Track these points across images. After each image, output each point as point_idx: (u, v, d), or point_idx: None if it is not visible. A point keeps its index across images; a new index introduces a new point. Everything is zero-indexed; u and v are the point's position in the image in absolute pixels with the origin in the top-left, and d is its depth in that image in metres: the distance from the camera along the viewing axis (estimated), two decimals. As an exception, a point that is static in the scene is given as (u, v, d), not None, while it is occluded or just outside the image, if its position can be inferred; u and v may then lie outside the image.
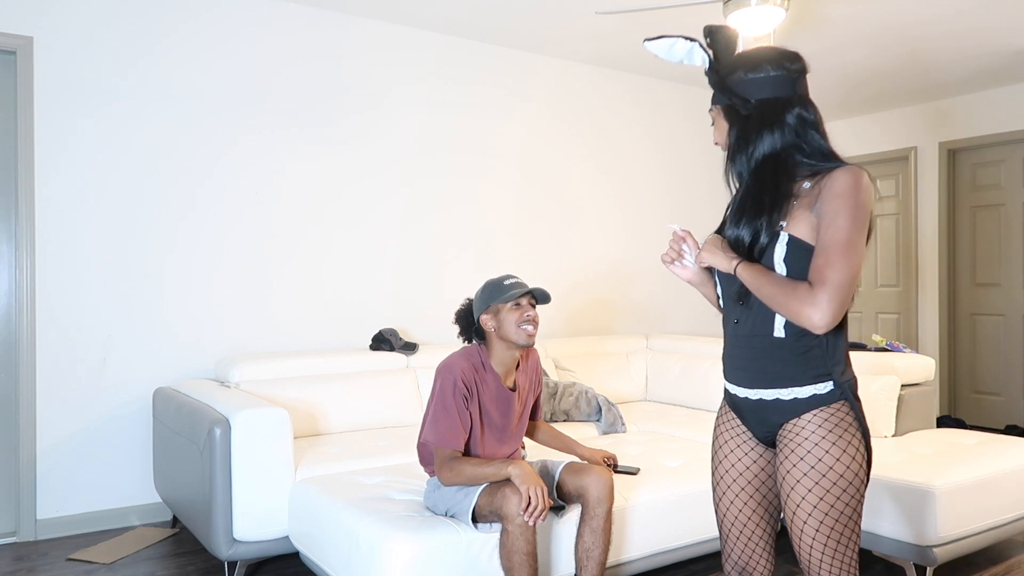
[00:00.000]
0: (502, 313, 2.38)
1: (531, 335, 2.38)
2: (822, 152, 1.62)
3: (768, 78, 1.63)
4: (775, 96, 1.62)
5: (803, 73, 1.66)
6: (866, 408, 3.43)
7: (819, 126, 1.65)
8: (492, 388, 2.42)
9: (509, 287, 2.39)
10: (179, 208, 3.76)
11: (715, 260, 1.68)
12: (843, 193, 1.51)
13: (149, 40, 3.69)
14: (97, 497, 3.57)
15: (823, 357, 1.60)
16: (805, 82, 1.67)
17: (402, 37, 4.41)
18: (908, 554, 2.79)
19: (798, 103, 1.63)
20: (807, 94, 1.67)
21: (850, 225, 1.50)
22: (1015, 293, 5.75)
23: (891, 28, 4.47)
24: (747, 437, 1.74)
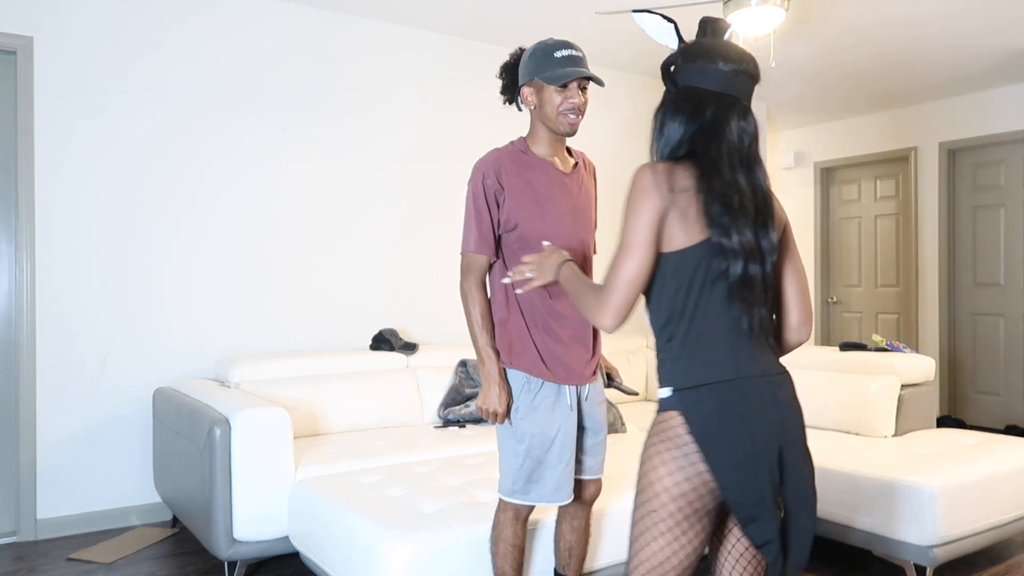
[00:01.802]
0: (545, 92, 2.04)
1: (573, 124, 2.06)
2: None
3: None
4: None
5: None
6: (866, 408, 3.45)
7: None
8: (537, 167, 2.11)
9: (559, 61, 2.01)
10: (179, 208, 3.76)
11: (542, 277, 1.75)
12: (628, 192, 1.50)
13: (149, 40, 3.69)
14: (97, 497, 3.57)
15: (666, 361, 1.53)
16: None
17: (402, 37, 4.41)
18: (908, 554, 2.79)
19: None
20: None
21: (623, 224, 1.49)
22: (1015, 293, 5.75)
23: (891, 28, 4.47)
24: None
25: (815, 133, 7.07)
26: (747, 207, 1.46)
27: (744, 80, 1.53)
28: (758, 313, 1.49)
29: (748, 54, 1.56)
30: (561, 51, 2.02)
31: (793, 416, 1.53)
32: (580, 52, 2.06)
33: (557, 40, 2.07)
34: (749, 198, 1.47)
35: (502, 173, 2.06)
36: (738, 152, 1.49)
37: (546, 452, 2.08)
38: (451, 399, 3.82)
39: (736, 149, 1.49)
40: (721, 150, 1.48)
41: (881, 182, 6.60)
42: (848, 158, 6.78)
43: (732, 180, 1.46)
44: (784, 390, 1.53)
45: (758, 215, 1.48)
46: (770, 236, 1.50)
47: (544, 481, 2.08)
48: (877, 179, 6.63)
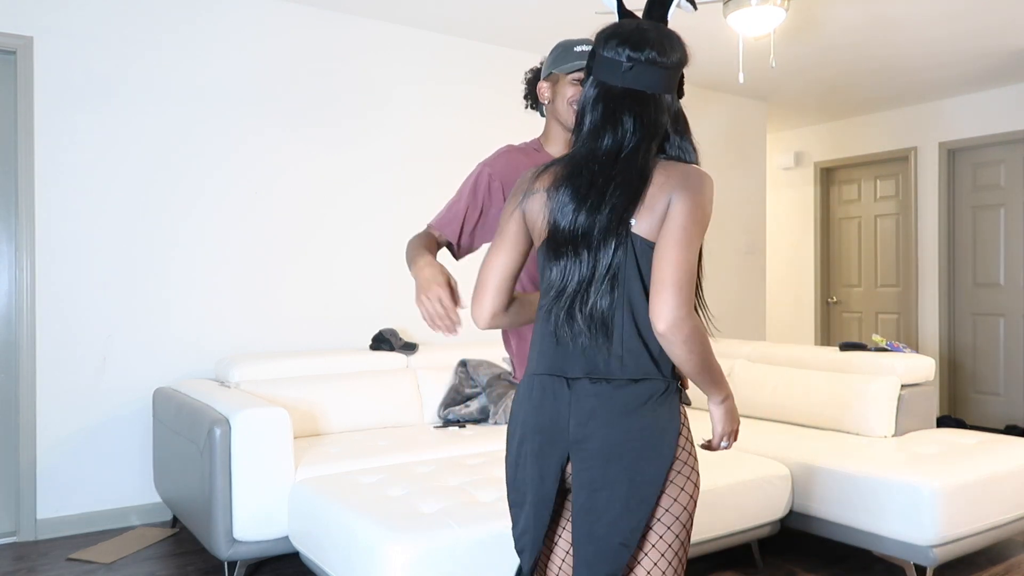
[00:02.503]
0: (560, 84, 1.94)
1: None
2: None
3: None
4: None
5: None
6: (866, 408, 3.45)
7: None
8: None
9: (578, 55, 1.91)
10: (179, 208, 3.76)
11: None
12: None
13: (149, 40, 3.69)
14: (97, 497, 3.57)
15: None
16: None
17: (403, 37, 4.41)
18: (908, 554, 2.79)
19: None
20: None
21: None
22: (1015, 293, 5.75)
23: (891, 28, 4.47)
24: None
25: (815, 133, 7.07)
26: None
27: (647, 71, 1.40)
28: (566, 310, 1.39)
29: (660, 38, 1.42)
30: (582, 46, 1.95)
31: (594, 426, 1.37)
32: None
33: (582, 38, 1.98)
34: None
35: (507, 185, 1.93)
36: (608, 152, 1.39)
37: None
38: (451, 399, 3.82)
39: (603, 149, 1.40)
40: (582, 151, 1.43)
41: (881, 182, 6.60)
42: (848, 158, 6.78)
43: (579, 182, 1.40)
44: (587, 396, 1.39)
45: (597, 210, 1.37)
46: (605, 240, 1.36)
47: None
48: (877, 179, 6.63)
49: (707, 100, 5.86)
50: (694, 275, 1.33)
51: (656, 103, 1.41)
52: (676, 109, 1.46)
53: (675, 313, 1.29)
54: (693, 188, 1.37)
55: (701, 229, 1.35)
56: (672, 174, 1.38)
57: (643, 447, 1.35)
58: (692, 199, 1.35)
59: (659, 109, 1.42)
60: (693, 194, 1.36)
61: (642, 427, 1.36)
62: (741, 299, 6.08)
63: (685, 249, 1.32)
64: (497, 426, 3.68)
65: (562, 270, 1.39)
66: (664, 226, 1.34)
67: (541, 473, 1.43)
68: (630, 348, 1.38)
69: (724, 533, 2.92)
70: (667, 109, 1.43)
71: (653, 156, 1.40)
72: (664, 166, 1.39)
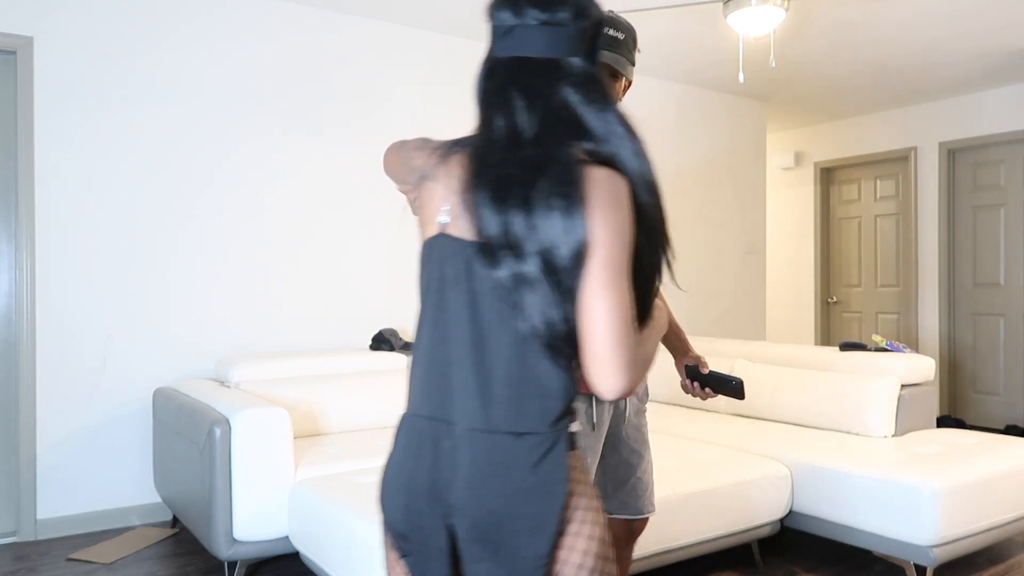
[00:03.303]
0: None
1: None
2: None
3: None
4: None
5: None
6: (866, 408, 3.45)
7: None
8: None
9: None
10: (179, 208, 3.76)
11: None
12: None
13: (150, 40, 3.69)
14: (97, 497, 3.57)
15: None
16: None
17: (403, 37, 4.41)
18: (908, 554, 2.79)
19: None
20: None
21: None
22: (1015, 293, 5.76)
23: (891, 28, 4.47)
24: None
25: (815, 133, 7.07)
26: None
27: (532, 33, 1.16)
28: (458, 338, 1.14)
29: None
30: (607, 31, 1.78)
31: (473, 490, 1.10)
32: (620, 32, 1.80)
33: (609, 17, 1.79)
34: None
35: None
36: (507, 138, 1.13)
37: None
38: (451, 399, 3.81)
39: (500, 136, 1.14)
40: (480, 142, 1.17)
41: (881, 182, 6.60)
42: (848, 158, 6.78)
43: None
44: (466, 451, 1.12)
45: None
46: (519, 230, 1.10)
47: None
48: (877, 179, 6.63)
49: (707, 100, 5.86)
50: (631, 310, 1.09)
51: (546, 71, 1.14)
52: (586, 73, 1.16)
53: (621, 381, 1.07)
54: (609, 204, 1.09)
55: (629, 253, 1.10)
56: (584, 183, 1.09)
57: (521, 519, 1.09)
58: (611, 223, 1.08)
59: (557, 77, 1.13)
60: (611, 213, 1.08)
61: (518, 494, 1.09)
62: (741, 299, 6.09)
63: (616, 291, 1.06)
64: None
65: (508, 277, 1.11)
66: (585, 262, 1.07)
67: (415, 533, 1.19)
68: (491, 388, 1.11)
69: (724, 533, 2.92)
70: (570, 75, 1.14)
71: (569, 139, 1.12)
72: (588, 175, 1.11)
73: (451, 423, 1.15)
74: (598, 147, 1.16)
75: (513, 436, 1.11)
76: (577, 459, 1.15)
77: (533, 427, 1.11)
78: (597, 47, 1.20)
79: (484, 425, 1.12)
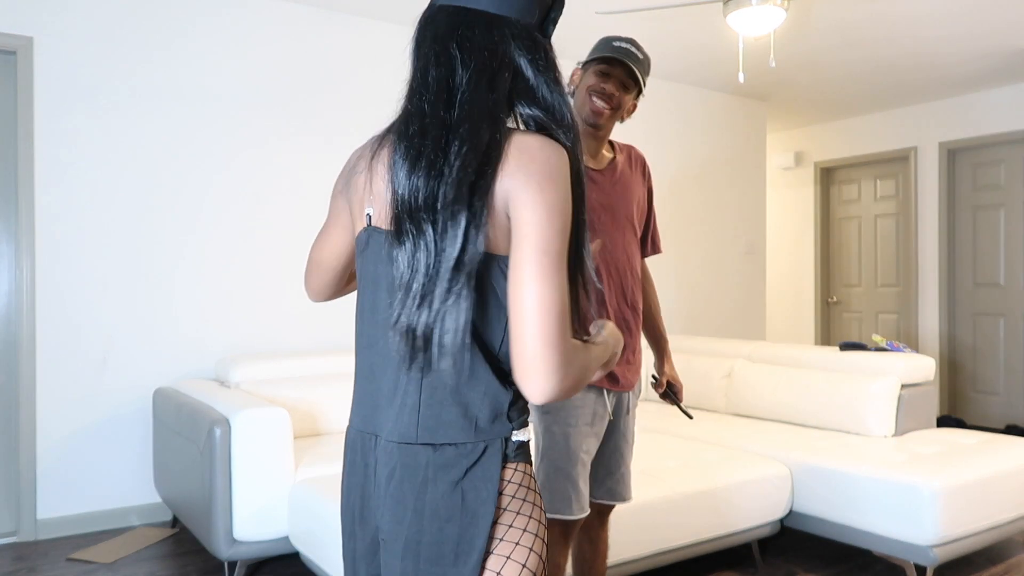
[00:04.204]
0: (586, 74, 1.95)
1: (595, 109, 1.91)
2: None
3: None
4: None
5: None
6: (866, 408, 3.46)
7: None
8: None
9: (613, 48, 1.90)
10: (180, 208, 3.76)
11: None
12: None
13: (150, 40, 3.69)
14: (97, 497, 3.57)
15: None
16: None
17: (404, 36, 4.40)
18: (908, 554, 2.79)
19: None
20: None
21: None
22: (1015, 293, 5.76)
23: (890, 28, 4.47)
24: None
25: (815, 133, 7.07)
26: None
27: (440, 16, 1.06)
28: (389, 340, 1.01)
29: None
30: (621, 42, 1.93)
31: (392, 511, 1.01)
32: (640, 53, 1.95)
33: (628, 37, 1.96)
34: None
35: None
36: (438, 89, 1.03)
37: (567, 458, 1.91)
38: (451, 399, 3.81)
39: (431, 87, 1.04)
40: (414, 99, 1.08)
41: (881, 182, 6.60)
42: (848, 158, 6.78)
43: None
44: (389, 469, 1.02)
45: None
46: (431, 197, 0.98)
47: (562, 491, 1.91)
48: (877, 179, 6.63)
49: (707, 100, 5.86)
50: (566, 304, 0.95)
51: (493, 26, 1.02)
52: (538, 40, 1.05)
53: (549, 383, 0.92)
54: (543, 178, 0.95)
55: (565, 237, 0.96)
56: (512, 152, 0.97)
57: (457, 540, 0.97)
58: (546, 198, 0.95)
59: (500, 36, 1.02)
60: (544, 190, 0.95)
61: (444, 521, 0.98)
62: (741, 299, 6.08)
63: (547, 281, 0.93)
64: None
65: (407, 258, 0.98)
66: (514, 246, 0.94)
67: (353, 550, 1.10)
68: (417, 395, 1.00)
69: (724, 533, 2.92)
70: (514, 38, 1.03)
71: (503, 103, 1.01)
72: (518, 141, 0.99)
73: (377, 436, 1.04)
74: (544, 116, 1.03)
75: (431, 448, 0.98)
76: (518, 472, 1.01)
77: (453, 437, 0.98)
78: (549, 24, 1.09)
79: (399, 437, 1.00)
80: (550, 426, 1.93)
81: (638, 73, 1.93)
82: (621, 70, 1.92)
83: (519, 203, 0.94)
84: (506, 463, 1.00)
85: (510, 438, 1.02)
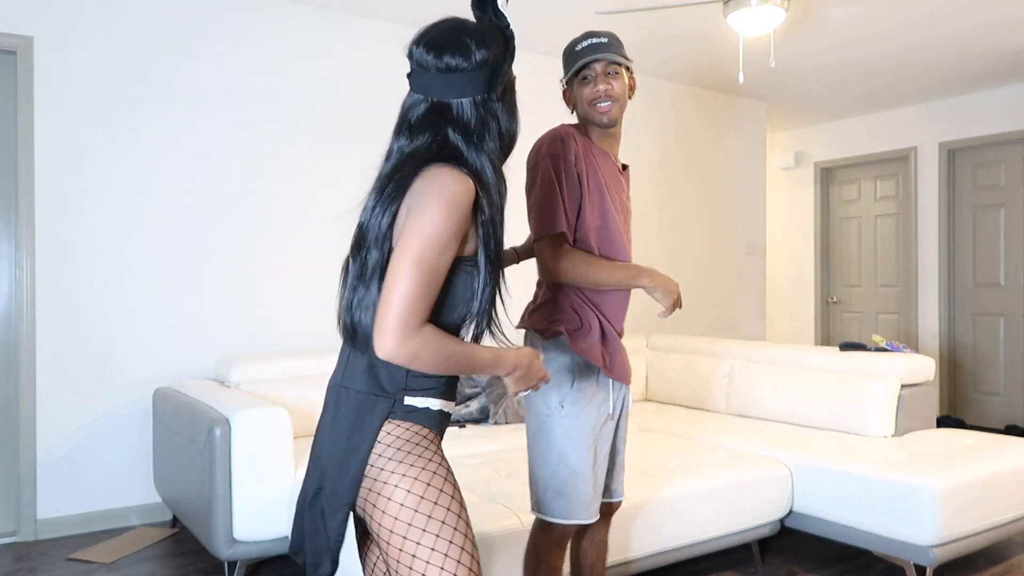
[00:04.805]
0: (575, 88, 1.95)
1: (605, 112, 1.91)
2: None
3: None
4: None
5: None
6: (866, 408, 3.46)
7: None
8: (600, 154, 1.97)
9: (579, 54, 1.90)
10: (179, 207, 3.76)
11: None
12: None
13: (150, 40, 3.69)
14: (97, 497, 3.57)
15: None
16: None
17: (404, 36, 4.40)
18: (908, 554, 2.79)
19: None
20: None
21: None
22: (1015, 293, 5.76)
23: (891, 28, 4.47)
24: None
25: (815, 133, 7.07)
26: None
27: (416, 75, 1.43)
28: (347, 313, 1.38)
29: (438, 37, 1.38)
30: (581, 43, 1.92)
31: (322, 431, 1.42)
32: (602, 38, 1.93)
33: (582, 34, 1.95)
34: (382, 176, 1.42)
35: (579, 148, 1.90)
36: (395, 155, 1.43)
37: (582, 461, 1.88)
38: (451, 399, 3.81)
39: (394, 153, 1.45)
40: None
41: (881, 182, 6.60)
42: (848, 158, 6.78)
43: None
44: (326, 402, 1.44)
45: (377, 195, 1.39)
46: (372, 220, 1.35)
47: (582, 496, 1.88)
48: (877, 179, 6.63)
49: (707, 100, 5.86)
50: (422, 295, 1.25)
51: (443, 112, 1.37)
52: (473, 117, 1.37)
53: (388, 342, 1.23)
54: (430, 196, 1.27)
55: (438, 243, 1.25)
56: (423, 178, 1.30)
57: (342, 459, 1.35)
58: (424, 209, 1.26)
59: (445, 120, 1.36)
60: (428, 202, 1.26)
61: (338, 443, 1.37)
62: (741, 299, 6.09)
63: (408, 267, 1.24)
64: (497, 426, 3.68)
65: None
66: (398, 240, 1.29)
67: (308, 477, 1.45)
68: (354, 348, 1.39)
69: (724, 533, 2.92)
70: (456, 120, 1.36)
71: (425, 160, 1.33)
72: (427, 171, 1.31)
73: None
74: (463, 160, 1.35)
75: (345, 391, 1.38)
76: (402, 429, 1.35)
77: (361, 387, 1.36)
78: (497, 82, 1.37)
79: (338, 380, 1.42)
80: (570, 430, 1.89)
81: (615, 56, 1.91)
82: (599, 65, 1.91)
83: (410, 210, 1.30)
84: (392, 418, 1.35)
85: (404, 401, 1.36)
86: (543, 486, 1.90)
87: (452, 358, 1.30)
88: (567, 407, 1.88)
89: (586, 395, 1.90)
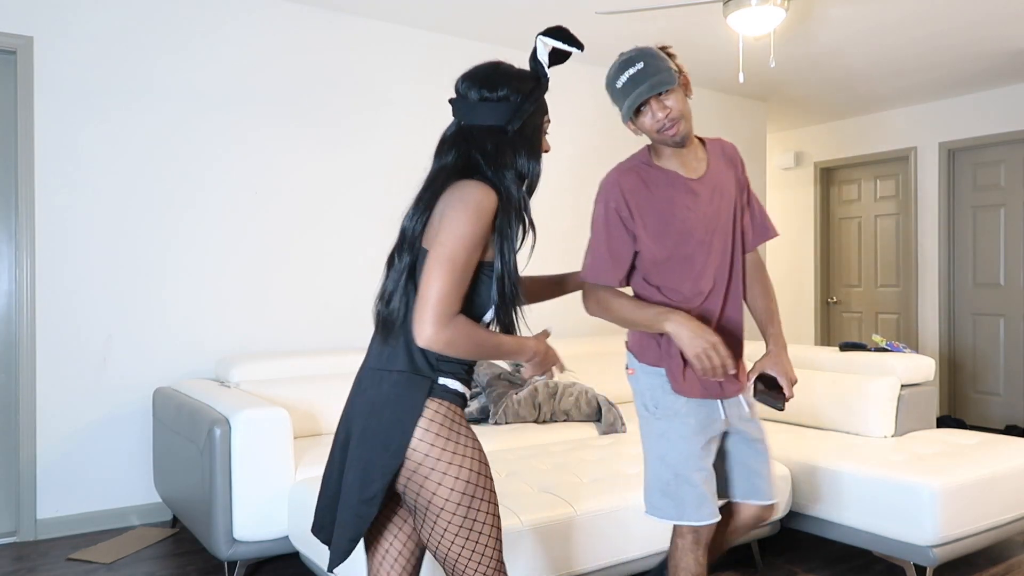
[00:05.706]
0: (638, 121, 1.94)
1: (674, 135, 1.90)
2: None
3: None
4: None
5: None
6: (866, 408, 3.45)
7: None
8: (662, 181, 1.97)
9: (623, 92, 1.90)
10: (179, 208, 3.76)
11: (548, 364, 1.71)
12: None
13: (150, 40, 3.69)
14: (97, 497, 3.57)
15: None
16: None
17: (403, 36, 4.41)
18: (908, 554, 2.79)
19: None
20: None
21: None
22: (1015, 293, 5.76)
23: (890, 28, 4.47)
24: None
25: (815, 133, 7.07)
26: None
27: (457, 103, 1.64)
28: (380, 303, 1.61)
29: (482, 75, 1.61)
30: (620, 78, 1.90)
31: (357, 410, 1.56)
32: (638, 63, 1.88)
33: (616, 65, 1.92)
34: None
35: (627, 194, 1.95)
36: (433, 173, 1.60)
37: (685, 463, 1.95)
38: (451, 399, 3.81)
39: (433, 170, 1.62)
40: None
41: (881, 182, 6.61)
42: (848, 158, 6.78)
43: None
44: (362, 385, 1.58)
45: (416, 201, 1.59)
46: (409, 225, 1.58)
47: (684, 496, 1.95)
48: (877, 179, 6.63)
49: (707, 100, 5.86)
50: (455, 289, 1.43)
51: (470, 136, 1.57)
52: (494, 142, 1.55)
53: (427, 330, 1.41)
54: (458, 202, 1.47)
55: (466, 244, 1.45)
56: (451, 190, 1.50)
57: (386, 433, 1.49)
58: (454, 214, 1.46)
59: (472, 142, 1.56)
60: (457, 209, 1.46)
61: (380, 416, 1.51)
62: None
63: (442, 265, 1.43)
64: (497, 426, 3.68)
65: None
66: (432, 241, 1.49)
67: (334, 457, 1.61)
68: (391, 338, 1.56)
69: (724, 533, 2.92)
70: (479, 144, 1.56)
71: (452, 175, 1.53)
72: (455, 184, 1.52)
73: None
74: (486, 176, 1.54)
75: (387, 373, 1.54)
76: (444, 407, 1.51)
77: (402, 367, 1.53)
78: (516, 116, 1.57)
79: (375, 364, 1.57)
80: (666, 431, 1.98)
81: (659, 86, 1.87)
82: (650, 95, 1.88)
83: (444, 215, 1.50)
84: (432, 396, 1.52)
85: (439, 381, 1.53)
86: (648, 484, 2.02)
87: (482, 345, 1.49)
88: (660, 408, 1.99)
89: (679, 399, 1.98)
